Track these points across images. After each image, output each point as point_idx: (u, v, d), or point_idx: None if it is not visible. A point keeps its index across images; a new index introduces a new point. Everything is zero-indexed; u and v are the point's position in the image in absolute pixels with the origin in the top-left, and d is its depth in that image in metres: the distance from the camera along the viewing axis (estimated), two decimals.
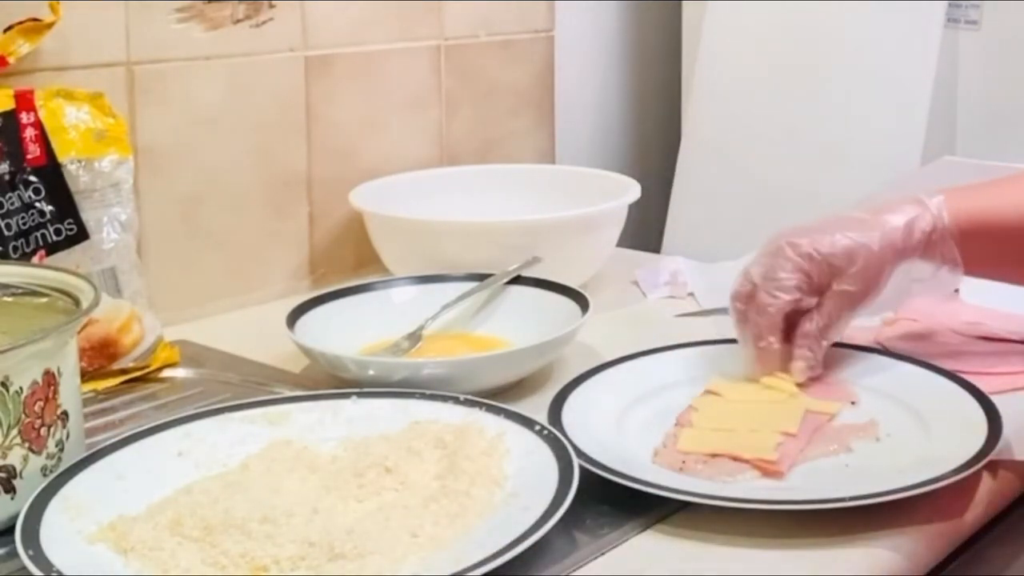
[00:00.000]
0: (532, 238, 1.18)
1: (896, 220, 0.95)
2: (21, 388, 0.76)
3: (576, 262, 1.23)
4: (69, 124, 1.08)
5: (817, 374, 0.96)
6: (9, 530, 0.73)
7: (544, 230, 1.19)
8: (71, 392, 0.81)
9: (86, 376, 0.97)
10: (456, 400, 0.89)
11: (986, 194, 0.97)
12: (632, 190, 1.28)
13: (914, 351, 1.03)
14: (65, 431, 0.80)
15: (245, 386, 1.03)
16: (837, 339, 0.98)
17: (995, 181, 0.99)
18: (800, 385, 0.95)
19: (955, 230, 0.95)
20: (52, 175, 1.07)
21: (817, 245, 0.95)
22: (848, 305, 0.96)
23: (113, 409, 0.99)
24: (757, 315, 0.96)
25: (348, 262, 1.36)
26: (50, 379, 0.78)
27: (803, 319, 0.96)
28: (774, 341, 0.95)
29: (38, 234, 1.05)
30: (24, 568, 0.69)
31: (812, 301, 0.96)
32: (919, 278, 0.97)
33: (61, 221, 1.07)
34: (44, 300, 0.85)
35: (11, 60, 1.04)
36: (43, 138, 1.06)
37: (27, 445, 0.77)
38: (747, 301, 0.97)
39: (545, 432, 0.83)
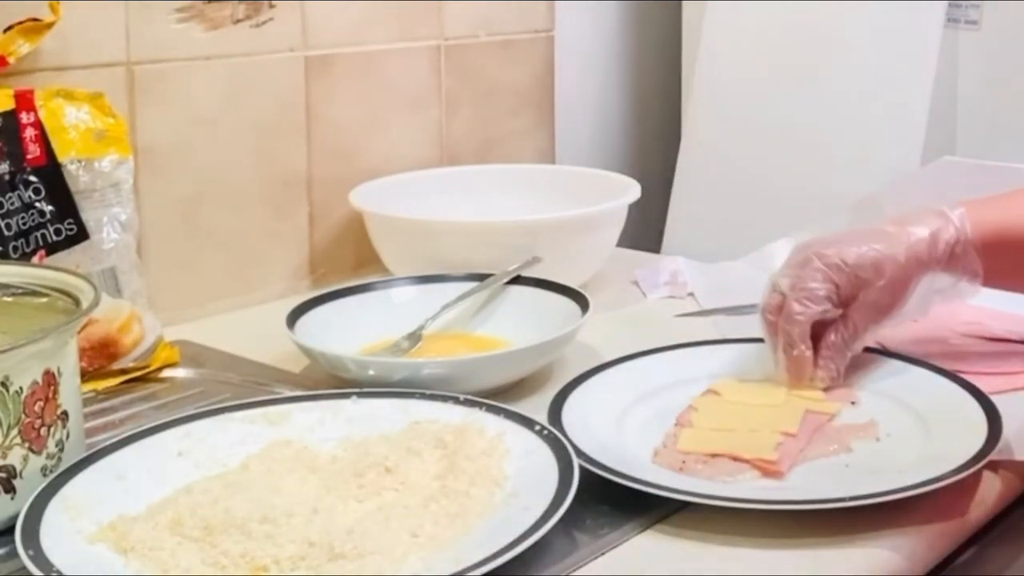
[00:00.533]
0: (532, 238, 1.18)
1: (921, 232, 0.96)
2: (21, 388, 0.76)
3: (576, 262, 1.23)
4: (69, 124, 1.08)
5: (839, 385, 0.96)
6: (9, 530, 0.73)
7: (544, 230, 1.19)
8: (71, 392, 0.81)
9: (86, 376, 0.97)
10: (456, 400, 0.89)
11: (1006, 206, 0.98)
12: (632, 190, 1.28)
13: (914, 351, 1.03)
14: (65, 431, 0.80)
15: (245, 386, 1.03)
16: (860, 351, 0.98)
17: (1013, 193, 0.99)
18: (825, 390, 0.95)
19: (978, 242, 0.96)
20: (52, 175, 1.07)
21: (844, 256, 0.95)
22: (874, 317, 0.96)
23: (113, 409, 0.99)
24: (787, 324, 0.95)
25: (348, 262, 1.36)
26: (50, 379, 0.78)
27: (828, 330, 0.96)
28: (805, 349, 0.95)
29: (38, 234, 1.05)
30: (24, 568, 0.69)
31: (837, 313, 0.96)
32: (940, 289, 0.97)
33: (61, 221, 1.07)
34: (44, 300, 0.85)
35: (11, 60, 1.04)
36: (43, 138, 1.06)
37: (27, 445, 0.77)
38: (777, 312, 0.97)
39: (545, 432, 0.83)
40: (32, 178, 1.05)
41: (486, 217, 1.25)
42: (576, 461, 0.79)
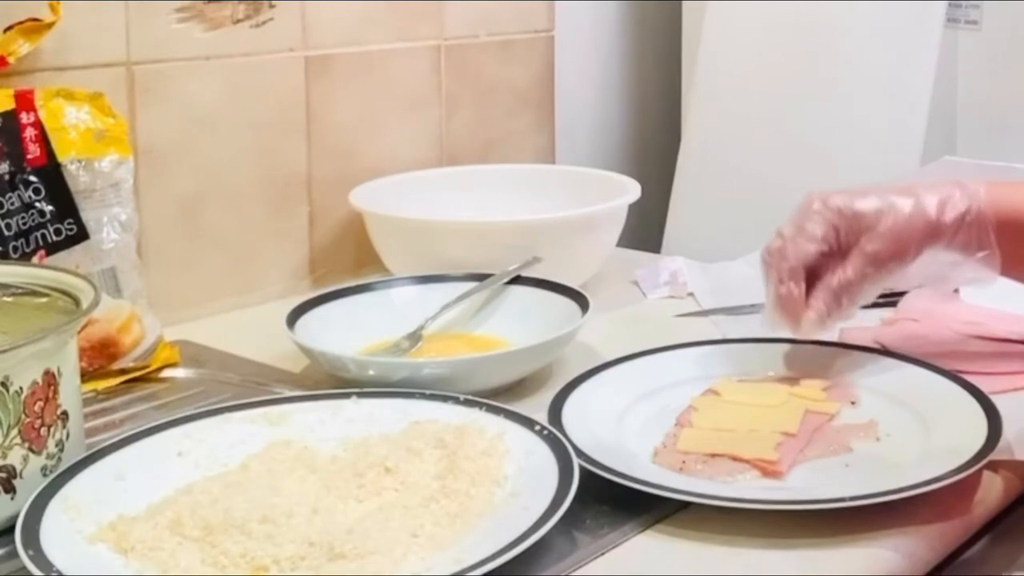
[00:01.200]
0: (532, 238, 1.18)
1: (931, 195, 0.94)
2: (21, 388, 0.76)
3: (576, 262, 1.23)
4: (69, 124, 1.08)
5: (828, 329, 0.95)
6: (9, 530, 0.73)
7: (544, 230, 1.19)
8: (71, 392, 0.81)
9: (86, 376, 0.97)
10: (456, 400, 0.89)
11: None
12: (632, 190, 1.28)
13: (914, 351, 1.03)
14: (65, 431, 0.80)
15: (245, 386, 1.03)
16: (861, 303, 0.96)
17: None
18: (825, 390, 0.95)
19: (992, 217, 0.93)
20: (52, 175, 1.07)
21: (848, 201, 0.95)
22: (872, 265, 0.94)
23: (113, 409, 0.99)
24: (778, 261, 0.95)
25: (348, 262, 1.35)
26: (50, 379, 0.78)
27: (826, 274, 0.95)
28: (794, 287, 0.94)
29: (38, 234, 1.05)
30: (24, 568, 0.69)
31: (837, 259, 0.95)
32: (954, 262, 0.95)
33: (61, 221, 1.07)
34: (44, 300, 0.85)
35: (11, 60, 1.04)
36: (43, 138, 1.06)
37: (27, 445, 0.77)
38: (776, 254, 0.96)
39: (545, 432, 0.83)
40: (32, 178, 1.05)
41: (486, 217, 1.25)
42: (576, 461, 0.79)
